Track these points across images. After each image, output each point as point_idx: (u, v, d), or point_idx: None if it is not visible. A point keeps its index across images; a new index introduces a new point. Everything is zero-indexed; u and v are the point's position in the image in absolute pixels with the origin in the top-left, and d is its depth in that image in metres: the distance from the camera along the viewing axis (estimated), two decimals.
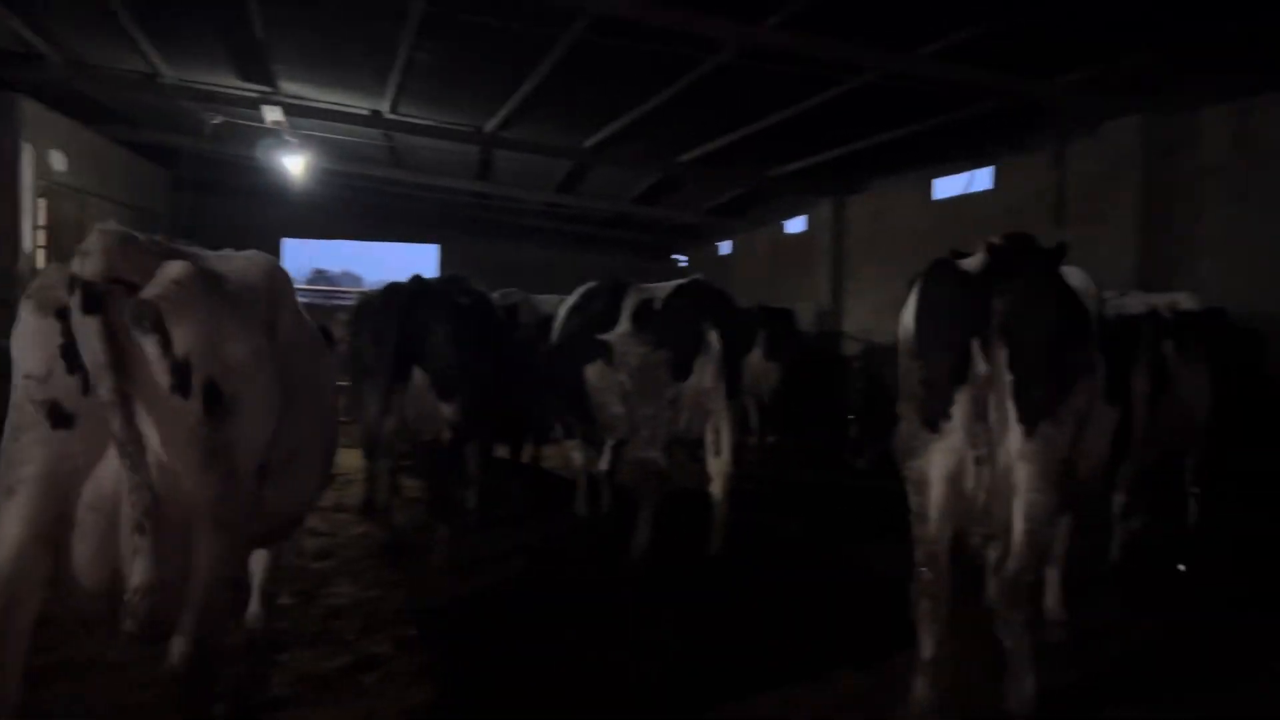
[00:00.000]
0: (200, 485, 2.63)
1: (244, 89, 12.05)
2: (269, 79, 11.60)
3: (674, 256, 24.69)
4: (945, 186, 13.15)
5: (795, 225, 17.85)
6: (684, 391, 5.93)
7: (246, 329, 2.82)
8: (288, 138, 13.05)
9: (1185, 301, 6.17)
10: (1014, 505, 3.53)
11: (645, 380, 5.89)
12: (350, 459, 10.85)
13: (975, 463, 3.49)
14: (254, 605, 4.34)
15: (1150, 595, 5.78)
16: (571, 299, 7.04)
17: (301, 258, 35.83)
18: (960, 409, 3.51)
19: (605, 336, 6.10)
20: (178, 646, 2.68)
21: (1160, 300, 6.18)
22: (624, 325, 6.04)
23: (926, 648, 3.72)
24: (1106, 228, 9.28)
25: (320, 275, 37.58)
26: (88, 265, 2.52)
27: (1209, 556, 6.48)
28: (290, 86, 12.05)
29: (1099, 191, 9.47)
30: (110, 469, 2.58)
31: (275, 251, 23.29)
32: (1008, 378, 3.44)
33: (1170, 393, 5.53)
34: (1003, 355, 3.44)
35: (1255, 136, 8.23)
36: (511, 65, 10.13)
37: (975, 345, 3.43)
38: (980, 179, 12.27)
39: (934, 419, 3.58)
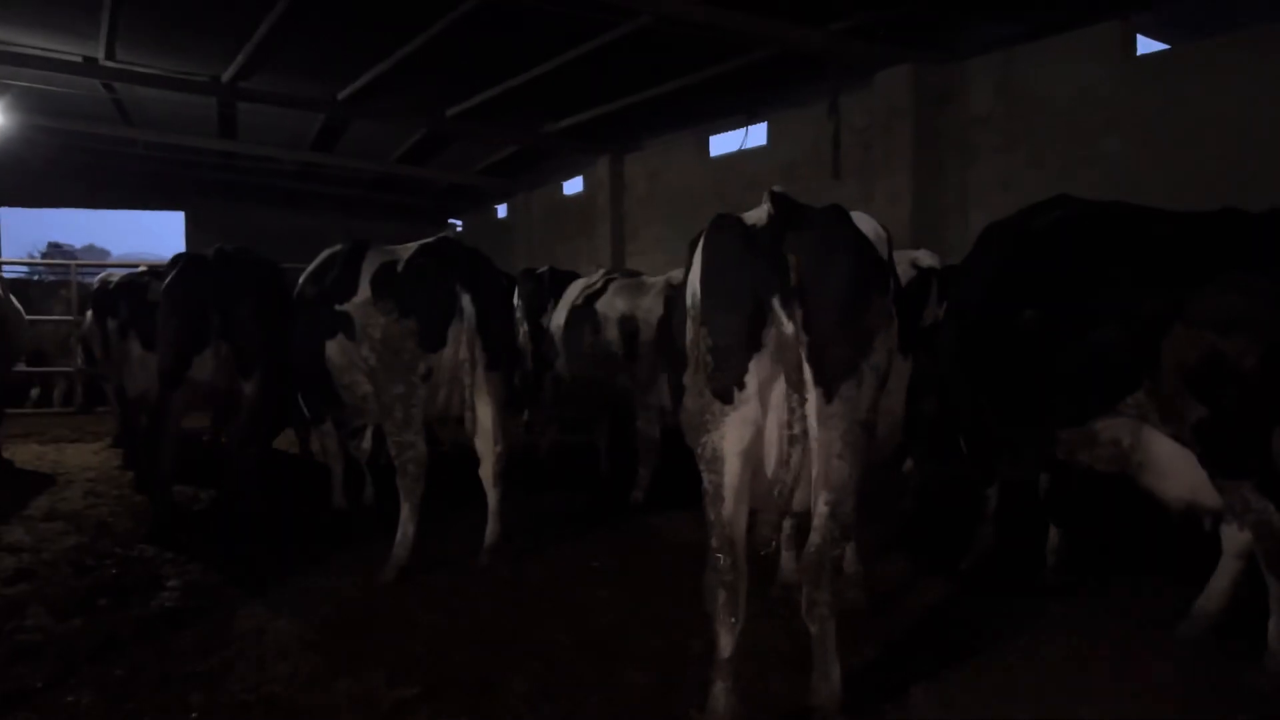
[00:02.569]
0: None
1: None
2: None
3: (450, 221, 23.62)
4: (721, 144, 12.92)
5: (574, 186, 17.29)
6: (439, 365, 5.22)
7: None
8: None
9: (925, 259, 6.13)
10: (815, 475, 3.26)
11: (392, 354, 5.13)
12: (77, 456, 9.57)
13: (787, 438, 3.20)
14: None
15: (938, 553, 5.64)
16: (311, 266, 6.16)
17: (31, 229, 32.05)
18: (754, 377, 3.22)
19: (343, 306, 5.30)
20: None
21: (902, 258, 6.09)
22: (364, 292, 5.25)
23: (725, 646, 3.35)
24: (881, 180, 9.21)
25: (56, 249, 33.97)
26: None
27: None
28: None
29: (873, 144, 9.40)
30: None
31: None
32: (804, 338, 3.12)
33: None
34: (798, 314, 3.12)
35: (1018, 85, 8.30)
36: (245, 3, 8.96)
37: (775, 303, 3.13)
38: (755, 135, 12.07)
39: (726, 389, 3.25)
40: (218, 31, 9.99)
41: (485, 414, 5.45)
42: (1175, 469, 4.00)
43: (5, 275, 17.26)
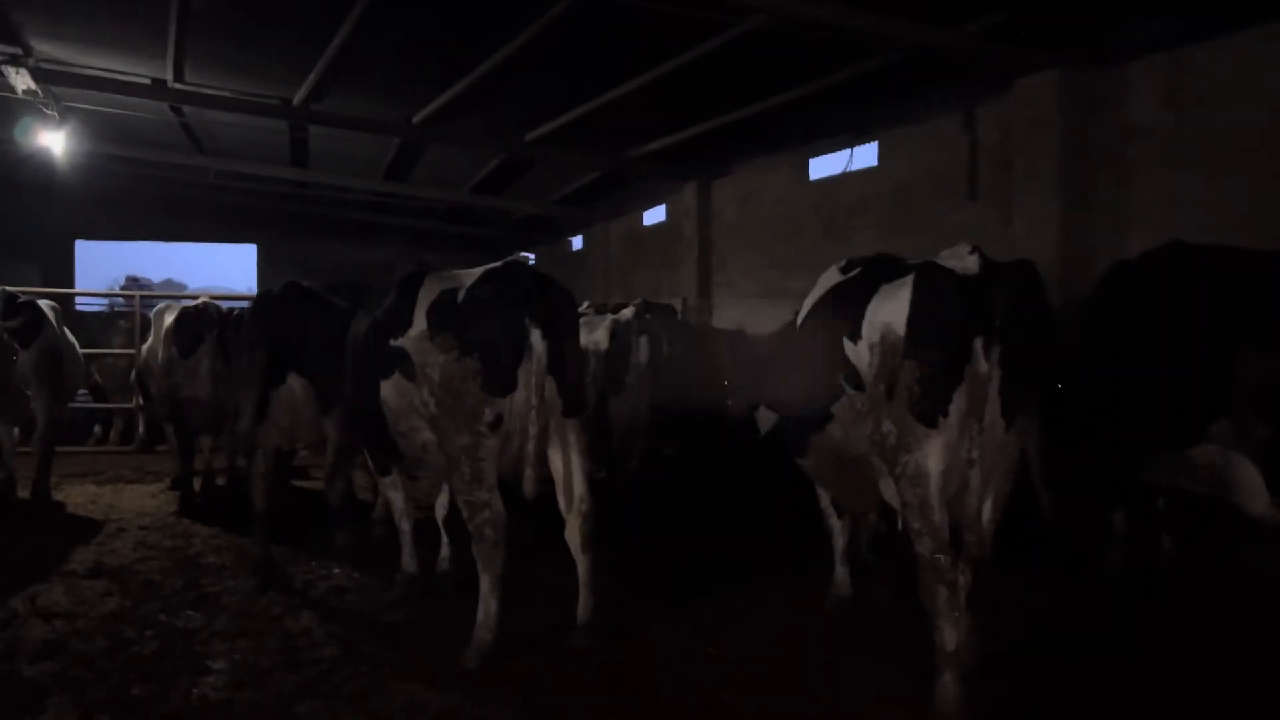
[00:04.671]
0: None
1: None
2: (13, 36, 9.37)
3: (523, 254, 23.00)
4: (822, 167, 11.88)
5: (654, 216, 16.49)
6: (509, 411, 4.37)
7: None
8: (47, 111, 10.76)
9: None
10: (986, 494, 3.88)
11: (453, 399, 4.29)
12: (133, 499, 8.99)
13: (968, 459, 3.77)
14: None
15: None
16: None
17: (111, 263, 32.53)
18: (956, 405, 3.76)
19: (399, 342, 4.47)
20: None
21: None
22: (419, 324, 4.44)
23: (950, 639, 3.77)
24: (1020, 200, 8.12)
25: (134, 283, 34.42)
26: None
27: None
28: (44, 47, 9.84)
29: (1011, 160, 8.29)
30: None
31: (68, 254, 20.69)
32: (997, 374, 3.72)
33: None
34: (995, 353, 3.69)
35: (1191, 91, 7.13)
36: (313, 17, 8.32)
37: (978, 344, 3.68)
38: (861, 156, 11.02)
39: (932, 415, 3.80)
40: (288, 52, 9.41)
41: (566, 468, 4.60)
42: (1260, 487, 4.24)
43: (78, 307, 17.17)
